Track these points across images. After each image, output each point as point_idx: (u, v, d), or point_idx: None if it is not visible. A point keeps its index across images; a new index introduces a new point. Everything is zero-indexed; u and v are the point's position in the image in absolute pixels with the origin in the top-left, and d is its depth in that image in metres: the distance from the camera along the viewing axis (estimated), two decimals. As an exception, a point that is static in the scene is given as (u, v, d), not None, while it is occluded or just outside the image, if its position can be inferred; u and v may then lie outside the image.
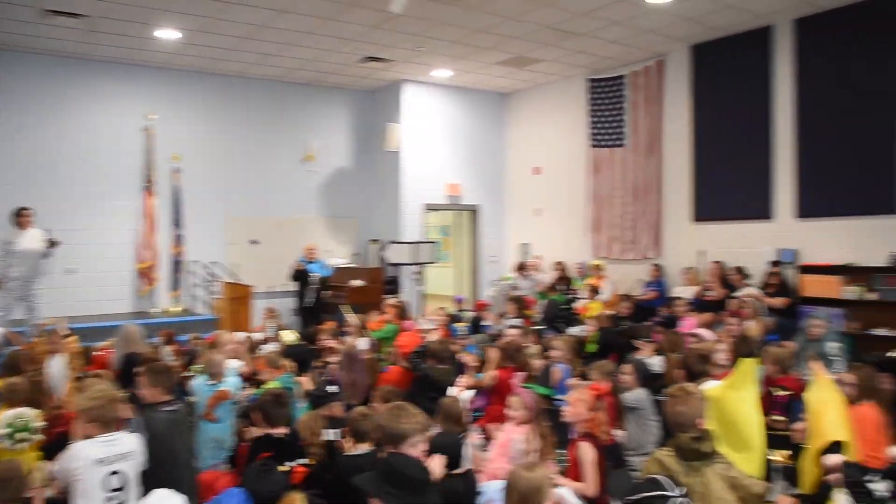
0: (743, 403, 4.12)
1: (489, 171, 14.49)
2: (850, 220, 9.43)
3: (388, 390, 5.56)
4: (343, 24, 10.01)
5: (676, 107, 11.48)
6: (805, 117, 9.90)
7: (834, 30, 9.58)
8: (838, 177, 9.51)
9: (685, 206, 11.37)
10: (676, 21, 10.08)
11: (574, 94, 13.08)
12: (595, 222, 12.72)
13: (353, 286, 11.76)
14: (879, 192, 9.09)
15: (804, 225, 9.93)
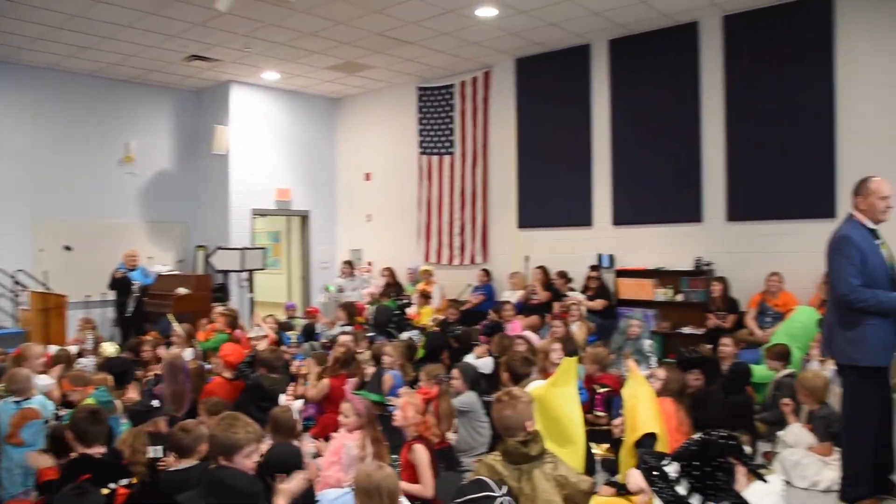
0: (565, 400, 4.25)
1: (320, 176, 14.31)
2: (660, 228, 10.06)
3: (215, 402, 5.34)
4: (165, 20, 9.53)
5: (502, 117, 11.80)
6: (619, 131, 10.46)
7: (643, 50, 10.21)
8: (651, 187, 10.11)
9: (511, 213, 11.68)
10: (502, 35, 10.41)
11: (404, 101, 13.17)
12: (425, 228, 12.84)
13: (179, 294, 11.22)
14: (688, 202, 9.79)
15: (620, 232, 10.47)
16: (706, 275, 9.52)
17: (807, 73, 8.90)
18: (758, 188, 9.29)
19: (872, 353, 4.71)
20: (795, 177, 8.98)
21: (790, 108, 9.01)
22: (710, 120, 9.67)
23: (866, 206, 4.84)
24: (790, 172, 9.01)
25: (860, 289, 4.65)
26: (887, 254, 4.84)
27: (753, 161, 9.31)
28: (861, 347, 4.72)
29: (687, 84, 9.79)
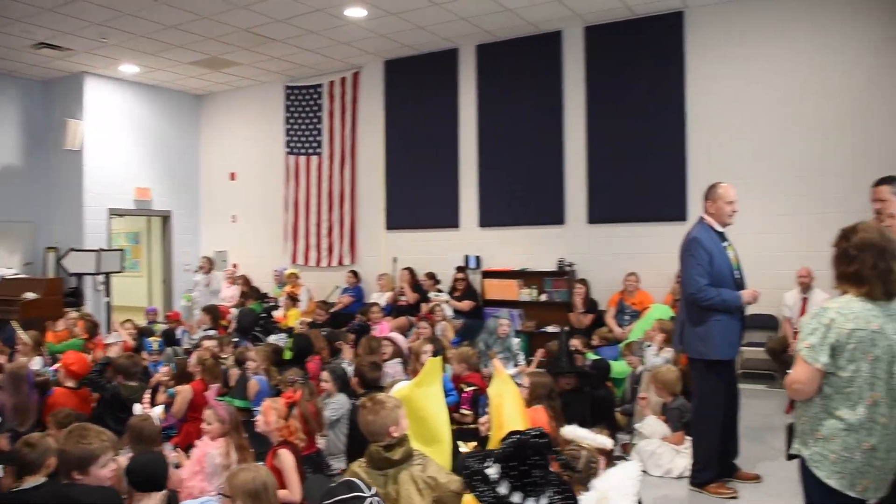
0: (430, 400, 4.24)
1: (182, 175, 13.73)
2: (525, 230, 10.28)
3: (66, 413, 4.98)
4: (8, 1, 8.84)
5: (371, 118, 11.73)
6: (486, 135, 10.61)
7: (509, 56, 10.41)
8: (516, 190, 10.30)
9: (379, 215, 11.64)
10: (371, 36, 10.35)
11: (271, 99, 12.87)
12: (292, 230, 12.61)
13: (26, 299, 10.47)
14: (551, 205, 10.05)
15: (486, 233, 10.62)
16: (568, 275, 9.77)
17: (661, 85, 9.34)
18: (616, 192, 9.62)
19: (719, 348, 4.97)
20: (650, 182, 9.37)
21: (646, 117, 9.42)
22: (572, 126, 9.95)
23: (715, 210, 5.10)
24: (646, 178, 9.39)
25: (707, 288, 4.89)
26: (733, 255, 5.12)
27: (612, 166, 9.64)
28: (709, 342, 4.97)
29: (550, 91, 10.05)
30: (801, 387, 2.90)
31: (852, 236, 2.92)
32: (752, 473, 5.34)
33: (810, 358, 2.84)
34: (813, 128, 8.58)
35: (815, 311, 2.92)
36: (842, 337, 2.81)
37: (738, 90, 8.97)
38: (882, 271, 2.84)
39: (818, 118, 8.55)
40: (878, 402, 2.82)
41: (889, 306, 2.87)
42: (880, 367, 2.81)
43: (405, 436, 3.57)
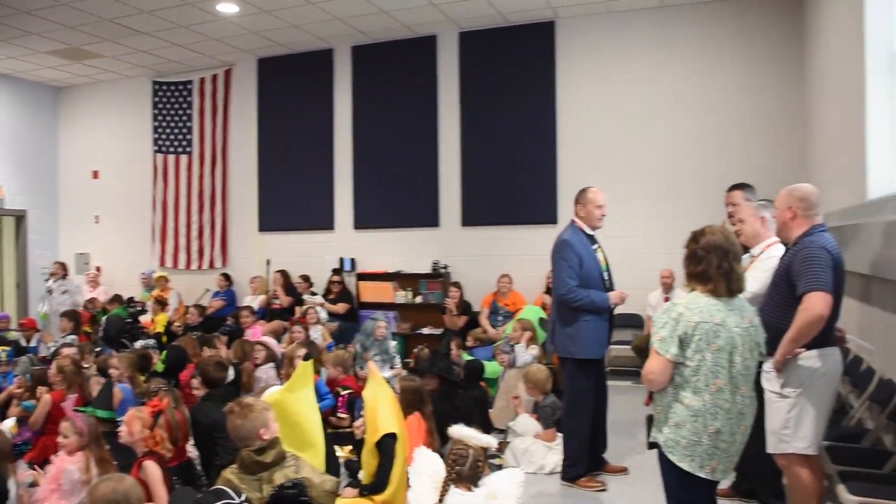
0: (302, 404, 4.19)
1: (39, 172, 12.83)
2: (400, 232, 10.26)
3: None
4: None
5: (243, 117, 11.42)
6: (361, 136, 10.54)
7: (385, 58, 10.38)
8: (391, 192, 10.28)
9: (252, 216, 11.35)
10: (244, 33, 10.06)
11: (138, 95, 12.25)
12: (160, 231, 12.06)
13: None
14: (426, 207, 10.07)
15: (361, 235, 10.53)
16: (443, 277, 9.82)
17: (533, 91, 9.56)
18: (489, 195, 9.76)
19: (588, 347, 5.10)
20: (523, 186, 9.56)
21: (519, 122, 9.61)
22: (447, 130, 10.02)
23: (585, 214, 5.22)
24: (518, 181, 9.57)
25: (577, 289, 5.02)
26: (602, 257, 5.27)
27: (486, 170, 9.77)
28: (578, 342, 5.09)
29: (426, 94, 10.09)
30: (654, 377, 3.05)
31: (700, 239, 3.11)
32: (620, 466, 5.49)
33: (662, 349, 3.00)
34: (671, 136, 8.99)
35: (666, 306, 3.10)
36: (689, 329, 2.98)
37: (605, 99, 9.28)
38: (725, 271, 3.03)
39: (676, 127, 8.96)
40: (721, 388, 2.99)
41: (731, 302, 3.07)
42: (723, 357, 2.99)
43: (276, 438, 3.49)
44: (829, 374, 3.62)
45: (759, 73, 8.64)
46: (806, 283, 3.45)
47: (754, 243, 4.36)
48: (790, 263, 3.62)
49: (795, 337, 3.48)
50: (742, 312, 3.11)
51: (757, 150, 8.61)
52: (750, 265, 4.23)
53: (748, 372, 3.08)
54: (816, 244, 3.54)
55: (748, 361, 3.06)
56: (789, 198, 3.77)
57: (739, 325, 3.05)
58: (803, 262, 3.51)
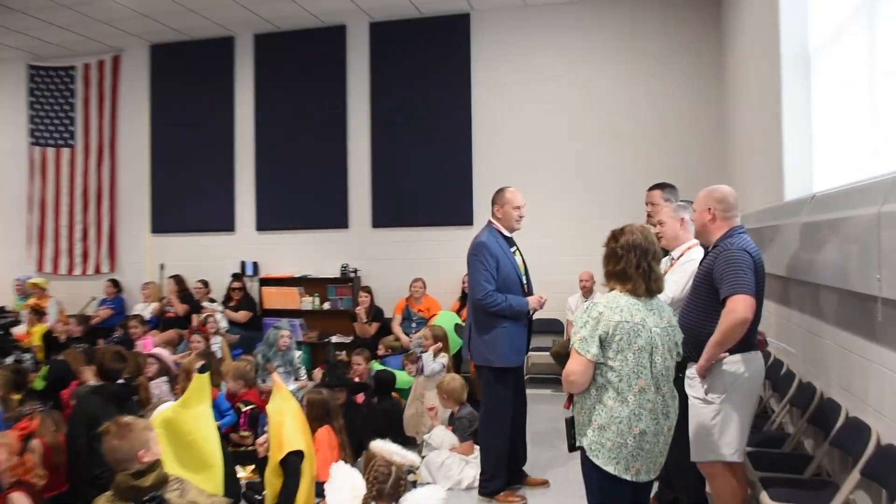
0: (197, 421, 4.02)
1: None
2: (306, 234, 10.09)
3: None
4: None
5: (134, 108, 11.00)
6: (264, 131, 10.33)
7: (290, 48, 10.17)
8: (296, 192, 10.10)
9: (144, 217, 10.94)
10: (134, 16, 9.64)
11: (11, 80, 11.59)
12: (38, 233, 11.46)
13: None
14: (334, 208, 9.93)
15: (264, 238, 10.32)
16: (353, 282, 9.69)
17: (447, 87, 9.56)
18: (402, 195, 9.72)
19: (505, 355, 5.11)
20: (437, 186, 9.55)
21: (432, 119, 9.60)
22: (357, 125, 9.94)
23: (502, 215, 5.24)
24: (432, 180, 9.56)
25: (494, 293, 5.03)
26: (520, 260, 5.27)
27: (397, 168, 9.72)
28: (495, 349, 5.10)
29: (334, 87, 9.96)
30: (575, 378, 3.10)
31: (620, 237, 3.21)
32: (541, 479, 5.50)
33: (582, 349, 3.07)
34: (590, 134, 9.14)
35: (585, 306, 3.19)
36: (609, 329, 3.06)
37: (522, 95, 9.37)
38: (645, 270, 3.15)
39: (593, 126, 9.11)
40: (644, 388, 3.08)
41: (650, 302, 3.17)
42: (644, 357, 3.08)
43: (158, 460, 3.34)
44: (753, 379, 3.69)
45: (679, 72, 8.87)
46: (729, 287, 3.52)
47: (674, 245, 4.42)
48: (711, 266, 3.68)
49: (720, 341, 3.54)
50: (661, 312, 3.20)
51: (676, 150, 8.80)
52: (669, 268, 4.29)
53: (668, 372, 3.16)
54: (737, 246, 3.62)
55: (668, 362, 3.15)
56: (708, 199, 3.86)
57: (658, 324, 3.14)
58: (725, 265, 3.58)
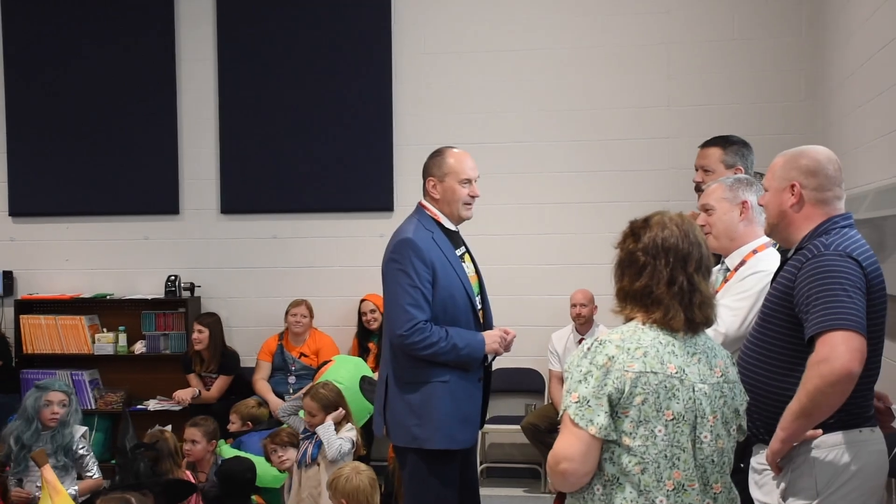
0: None
1: None
2: (100, 223, 9.17)
3: None
4: None
5: None
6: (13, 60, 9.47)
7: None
8: (84, 156, 9.21)
9: None
10: None
11: None
12: None
13: None
14: (153, 183, 9.07)
15: (24, 230, 9.37)
16: (185, 306, 8.89)
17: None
18: (271, 164, 9.06)
19: (444, 430, 4.63)
20: (331, 146, 8.94)
21: (321, 41, 8.99)
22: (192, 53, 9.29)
23: (441, 194, 4.86)
24: (323, 139, 8.93)
25: (425, 326, 4.61)
26: (471, 270, 4.88)
27: (264, 121, 9.09)
28: (428, 420, 4.65)
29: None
30: (570, 466, 2.80)
31: (643, 234, 2.94)
32: None
33: (581, 418, 2.77)
34: (588, 59, 8.58)
35: (587, 344, 2.91)
36: (625, 384, 2.77)
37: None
38: (683, 289, 2.87)
39: (591, 41, 8.59)
40: (682, 485, 2.82)
41: (693, 341, 2.91)
42: (682, 432, 2.80)
43: None
44: (867, 475, 3.35)
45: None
46: (820, 319, 3.16)
47: (729, 248, 4.16)
48: (791, 283, 3.34)
49: (806, 409, 3.18)
50: (710, 359, 2.92)
51: (730, 85, 8.20)
52: (722, 285, 4.11)
53: (723, 459, 2.87)
54: (836, 249, 3.27)
55: (723, 442, 2.85)
56: (790, 169, 3.51)
57: (707, 378, 2.86)
58: (814, 281, 3.22)
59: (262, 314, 8.69)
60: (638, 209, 3.22)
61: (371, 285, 7.87)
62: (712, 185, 4.30)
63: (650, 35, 8.52)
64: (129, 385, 8.75)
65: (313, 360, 8.06)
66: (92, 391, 8.61)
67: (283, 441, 6.20)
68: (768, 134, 7.22)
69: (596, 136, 8.40)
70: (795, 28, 8.16)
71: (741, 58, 8.26)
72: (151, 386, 8.72)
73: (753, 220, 4.09)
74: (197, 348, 8.20)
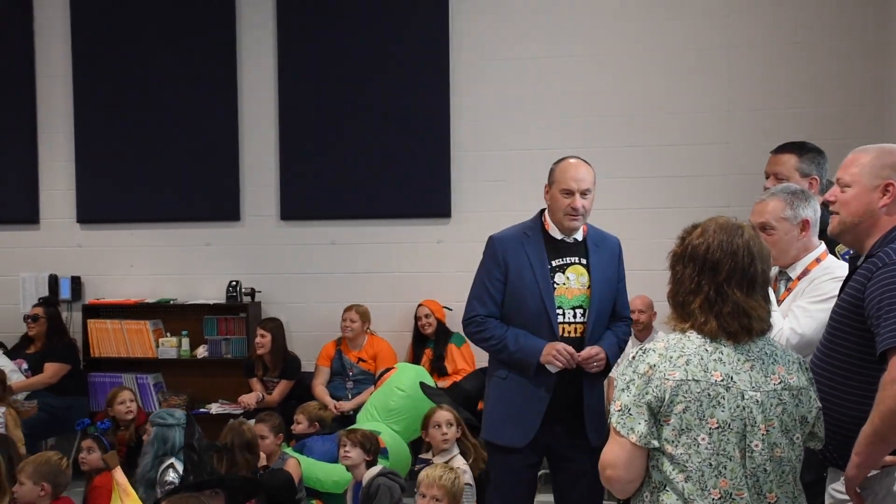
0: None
1: None
2: (164, 229, 9.35)
3: None
4: None
5: None
6: (82, 73, 9.50)
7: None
8: (147, 163, 9.33)
9: None
10: None
11: None
12: None
13: None
14: (215, 190, 9.20)
15: (91, 236, 9.52)
16: (246, 311, 8.97)
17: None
18: (329, 171, 9.12)
19: (495, 424, 4.84)
20: (389, 155, 8.91)
21: (381, 52, 8.98)
22: (255, 64, 9.35)
23: (550, 202, 4.92)
24: (381, 148, 8.95)
25: (483, 319, 4.82)
26: (577, 284, 4.86)
27: (322, 130, 9.15)
28: (485, 412, 4.97)
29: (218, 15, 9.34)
30: (615, 473, 2.87)
31: (686, 239, 3.01)
32: None
33: (623, 427, 2.83)
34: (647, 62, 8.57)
35: (633, 353, 2.96)
36: (665, 392, 2.78)
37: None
38: (710, 298, 2.87)
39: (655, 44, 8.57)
40: (730, 493, 2.80)
41: (747, 347, 2.89)
42: (728, 440, 2.79)
43: None
44: None
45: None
46: (892, 331, 2.95)
47: (787, 262, 4.08)
48: (861, 293, 3.15)
49: (880, 433, 2.96)
50: (767, 365, 2.87)
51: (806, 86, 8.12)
52: (785, 294, 4.05)
53: (782, 468, 2.83)
54: None
55: (782, 450, 2.80)
56: (885, 167, 3.28)
57: (762, 385, 2.82)
58: (886, 292, 3.02)
59: (320, 319, 8.74)
60: (695, 215, 3.21)
61: (428, 291, 7.99)
62: (767, 200, 4.12)
63: (710, 39, 8.49)
64: (192, 388, 8.89)
65: (371, 365, 8.12)
66: (156, 394, 8.73)
67: (356, 439, 6.12)
68: (830, 139, 6.86)
69: (654, 142, 8.38)
70: (860, 31, 8.08)
71: (803, 61, 8.24)
72: (213, 389, 8.86)
73: (812, 234, 4.00)
74: (259, 353, 8.26)
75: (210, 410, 8.57)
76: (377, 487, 5.70)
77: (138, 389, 8.21)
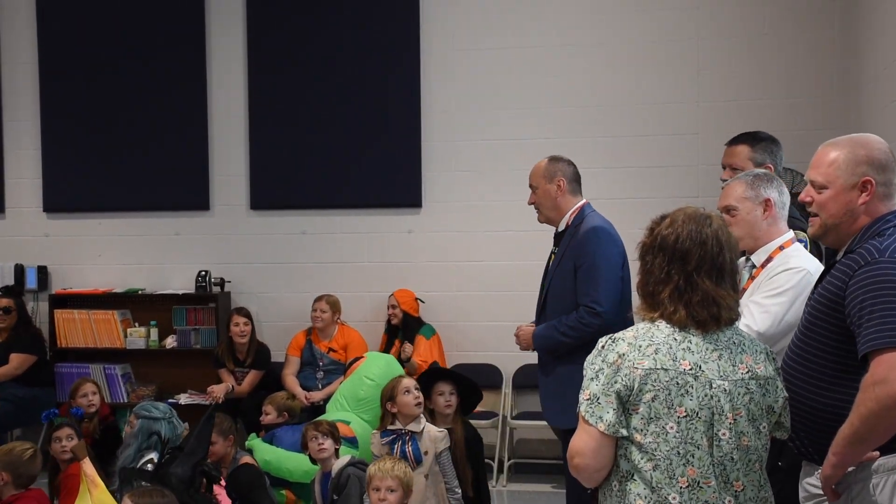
0: None
1: None
2: (132, 219, 9.38)
3: None
4: None
5: None
6: (50, 65, 9.52)
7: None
8: (115, 149, 9.33)
9: None
10: None
11: None
12: None
13: None
14: (184, 180, 9.21)
15: (58, 225, 9.52)
16: (216, 301, 8.98)
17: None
18: (300, 159, 9.14)
19: None
20: (360, 143, 8.93)
21: (349, 37, 9.06)
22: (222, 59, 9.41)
23: None
24: (351, 136, 9.02)
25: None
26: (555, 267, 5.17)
27: (292, 116, 9.20)
28: None
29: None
30: (583, 461, 2.90)
31: (654, 229, 3.04)
32: None
33: (591, 415, 2.87)
34: (609, 54, 8.60)
35: (602, 342, 2.99)
36: (634, 381, 2.82)
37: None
38: (679, 288, 2.91)
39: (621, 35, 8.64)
40: (697, 482, 2.84)
41: (715, 336, 2.92)
42: (696, 429, 2.83)
43: None
44: None
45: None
46: (875, 335, 2.92)
47: (754, 246, 4.10)
48: (841, 290, 3.11)
49: (859, 435, 2.96)
50: (735, 355, 2.93)
51: (776, 77, 8.18)
52: (749, 283, 4.06)
53: (748, 456, 2.88)
54: (894, 256, 3.02)
55: (748, 438, 2.86)
56: (860, 163, 3.20)
57: (730, 374, 2.88)
58: (869, 293, 2.99)
59: (290, 309, 8.78)
60: (665, 205, 3.25)
61: (399, 281, 8.06)
62: (731, 183, 4.19)
63: (680, 31, 8.55)
64: (161, 379, 8.93)
65: (342, 355, 8.12)
66: (124, 385, 8.72)
67: (324, 430, 6.15)
68: (800, 129, 7.25)
69: (624, 133, 8.45)
70: (828, 22, 8.14)
71: (772, 53, 8.30)
72: (182, 380, 8.85)
73: (777, 216, 4.02)
74: (241, 341, 8.30)
75: (179, 401, 8.50)
76: (347, 477, 5.68)
77: (106, 380, 8.26)
